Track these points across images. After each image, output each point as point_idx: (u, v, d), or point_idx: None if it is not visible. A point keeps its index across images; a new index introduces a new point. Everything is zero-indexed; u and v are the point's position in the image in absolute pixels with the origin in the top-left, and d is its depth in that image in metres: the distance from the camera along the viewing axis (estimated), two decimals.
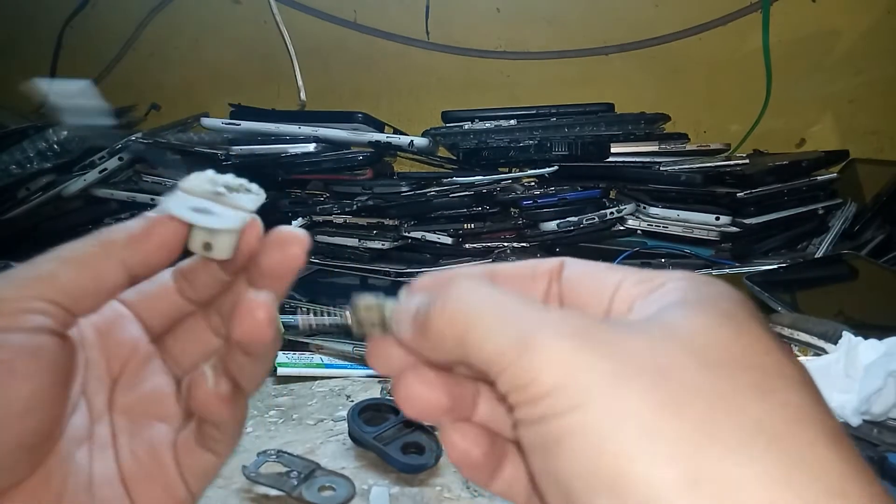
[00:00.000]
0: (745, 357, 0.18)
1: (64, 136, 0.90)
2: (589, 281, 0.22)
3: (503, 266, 0.24)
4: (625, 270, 0.22)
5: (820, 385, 0.44)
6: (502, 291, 0.21)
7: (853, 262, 0.80)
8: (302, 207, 0.96)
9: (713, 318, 0.19)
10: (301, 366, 0.64)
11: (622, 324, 0.19)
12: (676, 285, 0.20)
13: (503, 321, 0.19)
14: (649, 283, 0.21)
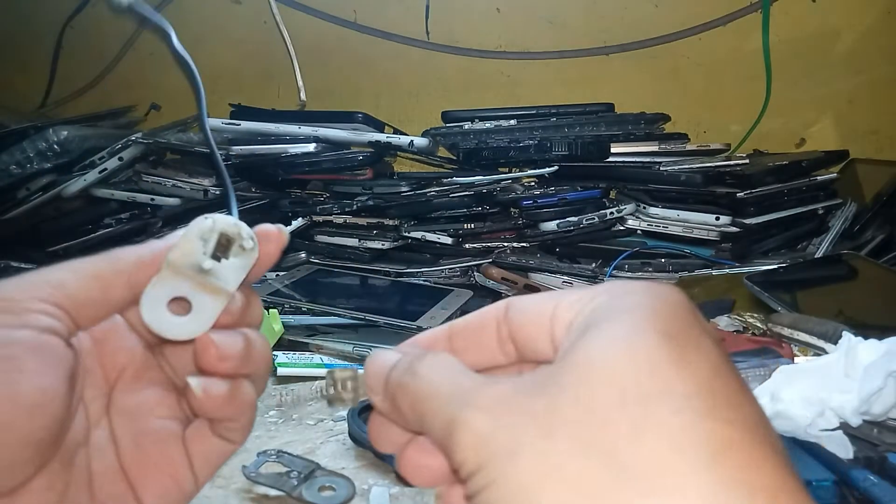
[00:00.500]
0: (628, 391, 0.18)
1: (64, 136, 0.90)
2: (531, 315, 0.23)
3: (457, 323, 0.25)
4: (560, 295, 0.22)
5: (820, 385, 0.44)
6: (449, 369, 0.22)
7: (853, 262, 0.80)
8: (302, 207, 0.96)
9: (610, 344, 0.19)
10: (301, 366, 0.64)
11: (536, 383, 0.19)
12: (597, 303, 0.21)
13: (441, 403, 0.21)
14: (578, 304, 0.21)
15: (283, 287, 0.84)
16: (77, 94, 1.29)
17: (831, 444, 0.43)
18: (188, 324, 0.26)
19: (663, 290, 0.21)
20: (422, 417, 0.21)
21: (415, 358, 0.23)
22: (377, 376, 0.24)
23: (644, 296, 0.20)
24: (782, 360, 0.53)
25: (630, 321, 0.19)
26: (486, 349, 0.25)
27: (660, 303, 0.20)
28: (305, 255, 0.95)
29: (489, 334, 0.24)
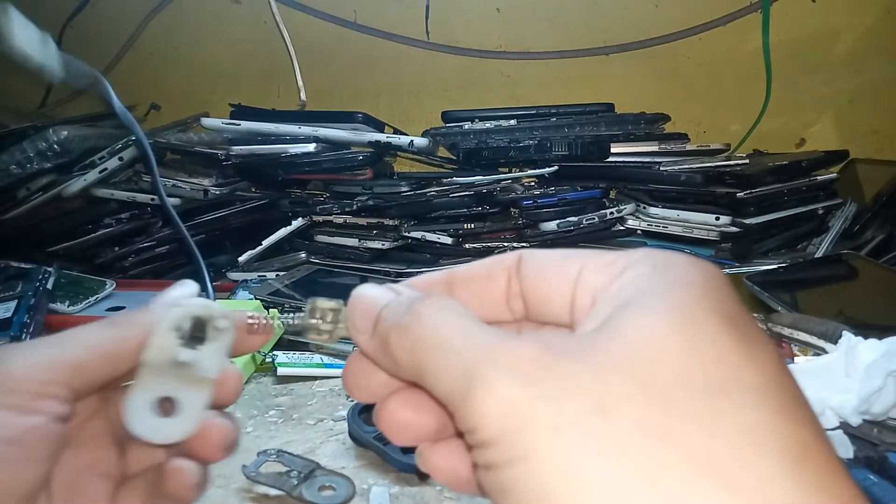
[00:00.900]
0: (693, 376, 0.16)
1: (64, 136, 0.90)
2: (549, 273, 0.21)
3: (460, 270, 0.24)
4: (584, 256, 0.21)
5: (820, 385, 0.44)
6: (461, 317, 0.20)
7: (853, 262, 0.80)
8: (302, 207, 0.96)
9: (666, 322, 0.17)
10: (301, 366, 0.64)
11: (570, 348, 0.18)
12: (636, 273, 0.19)
13: (453, 357, 0.19)
14: (610, 270, 0.20)
15: (283, 287, 0.84)
16: (77, 94, 1.29)
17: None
18: (178, 424, 0.25)
19: (708, 266, 0.19)
20: (421, 367, 0.20)
21: (416, 299, 0.21)
22: (365, 313, 0.22)
23: (693, 271, 0.19)
24: None
25: (688, 299, 0.18)
26: (491, 303, 0.23)
27: (711, 280, 0.18)
28: (305, 255, 0.95)
29: (497, 287, 0.23)
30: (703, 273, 0.19)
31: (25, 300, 0.69)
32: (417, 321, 0.20)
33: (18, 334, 0.65)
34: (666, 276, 0.18)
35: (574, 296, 0.20)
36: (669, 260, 0.19)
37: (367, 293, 0.23)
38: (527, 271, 0.22)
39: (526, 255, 0.22)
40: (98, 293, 0.77)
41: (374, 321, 0.22)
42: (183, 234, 0.34)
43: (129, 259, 0.91)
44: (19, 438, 0.22)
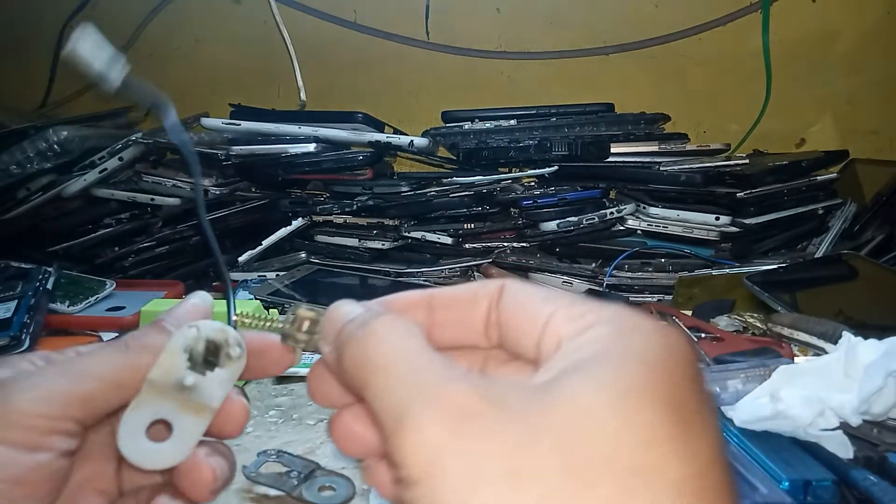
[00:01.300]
0: (617, 457, 0.16)
1: (64, 136, 0.90)
2: (525, 311, 0.22)
3: (442, 292, 0.24)
4: (559, 301, 0.21)
5: (820, 385, 0.44)
6: (411, 341, 0.20)
7: (853, 262, 0.80)
8: (302, 207, 0.96)
9: (607, 398, 0.17)
10: (301, 366, 0.64)
11: (510, 401, 0.17)
12: (599, 334, 0.19)
13: (392, 384, 0.19)
14: (578, 323, 0.20)
15: (283, 287, 0.84)
16: (77, 94, 1.29)
17: (831, 444, 0.43)
18: (169, 450, 0.24)
19: (672, 339, 0.19)
20: (364, 387, 0.19)
21: (373, 316, 0.21)
22: (333, 324, 0.22)
23: (652, 342, 0.18)
24: (782, 360, 0.53)
25: (637, 378, 0.17)
26: (470, 328, 0.23)
27: (669, 357, 0.18)
28: (305, 255, 0.95)
29: (478, 314, 0.23)
30: (665, 348, 0.18)
31: (25, 300, 0.69)
32: (369, 338, 0.20)
33: (18, 334, 0.65)
34: (625, 347, 0.18)
35: (541, 338, 0.21)
36: (636, 328, 0.19)
37: (340, 307, 0.23)
38: (506, 303, 0.22)
39: (508, 286, 0.23)
40: (98, 293, 0.77)
41: (336, 333, 0.22)
42: (212, 245, 0.33)
43: (129, 259, 0.91)
44: (24, 478, 0.22)
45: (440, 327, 0.23)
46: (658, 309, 0.69)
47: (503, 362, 0.23)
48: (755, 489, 0.39)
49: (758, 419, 0.45)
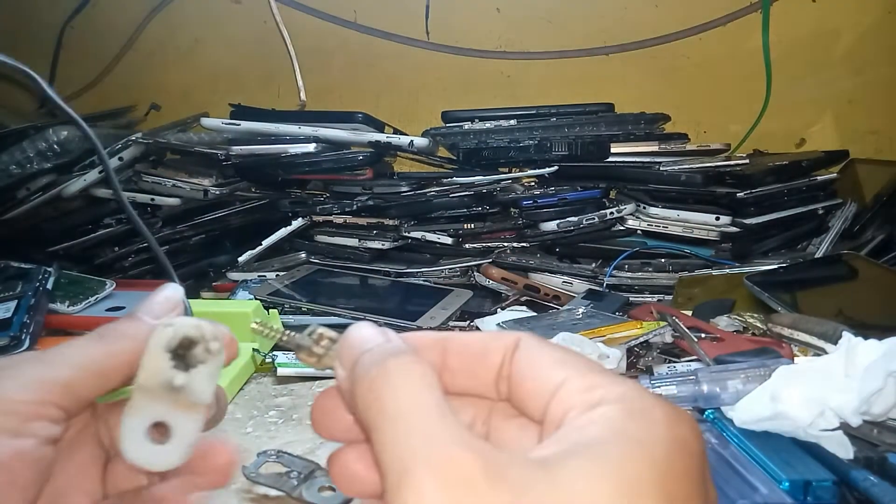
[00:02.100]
0: None
1: (64, 136, 0.90)
2: (537, 371, 0.21)
3: (457, 338, 0.23)
4: (573, 367, 0.21)
5: (820, 385, 0.44)
6: (426, 392, 0.19)
7: (853, 262, 0.80)
8: (302, 207, 0.96)
9: (606, 490, 0.17)
10: (301, 366, 0.64)
11: (512, 474, 0.18)
12: (608, 414, 0.19)
13: (399, 436, 0.18)
14: (588, 396, 0.20)
15: (283, 287, 0.84)
16: (77, 94, 1.29)
17: (831, 445, 0.43)
18: (173, 450, 0.25)
19: (681, 428, 0.19)
20: (372, 430, 0.19)
21: (393, 353, 0.21)
22: (351, 350, 0.22)
23: (660, 431, 0.18)
24: (782, 360, 0.53)
25: (637, 467, 0.17)
26: (482, 380, 0.23)
27: (675, 450, 0.18)
28: (305, 255, 0.95)
29: (490, 365, 0.23)
30: (672, 440, 0.18)
31: (25, 300, 0.69)
32: (383, 378, 0.20)
33: (18, 334, 0.65)
34: (631, 434, 0.18)
35: (549, 404, 0.20)
36: (645, 412, 0.19)
37: (361, 332, 0.22)
38: (519, 360, 0.22)
39: (524, 342, 0.22)
40: (98, 293, 0.77)
41: (355, 361, 0.21)
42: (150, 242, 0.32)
43: (129, 259, 0.91)
44: (6, 463, 0.22)
45: (451, 373, 0.23)
46: (658, 309, 0.69)
47: (508, 417, 0.23)
48: (755, 489, 0.39)
49: (758, 419, 0.45)
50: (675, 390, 0.49)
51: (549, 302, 0.84)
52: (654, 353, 0.64)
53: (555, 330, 0.64)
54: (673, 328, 0.64)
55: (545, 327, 0.68)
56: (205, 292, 0.90)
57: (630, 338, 0.63)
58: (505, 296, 0.86)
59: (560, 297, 0.84)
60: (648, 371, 0.60)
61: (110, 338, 0.25)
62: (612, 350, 0.59)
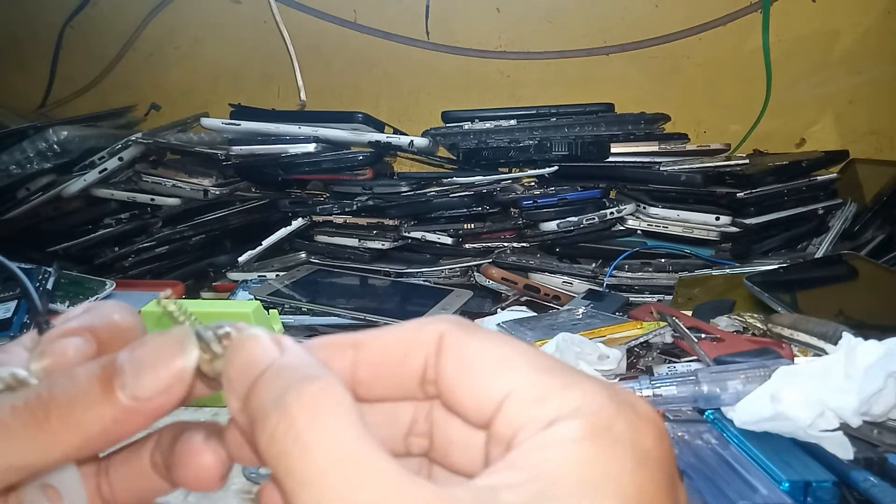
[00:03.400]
0: None
1: (64, 136, 0.90)
2: (470, 382, 0.18)
3: (369, 344, 0.20)
4: (514, 371, 0.18)
5: (820, 386, 0.44)
6: (349, 437, 0.16)
7: (853, 262, 0.80)
8: (302, 207, 0.96)
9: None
10: None
11: None
12: (566, 435, 0.16)
13: (314, 497, 0.15)
14: (540, 411, 0.17)
15: (283, 287, 0.84)
16: (77, 94, 1.29)
17: (831, 445, 0.43)
18: None
19: (649, 440, 0.17)
20: (282, 492, 0.16)
21: (293, 383, 0.17)
22: (242, 374, 0.18)
23: (628, 457, 0.16)
24: (782, 360, 0.53)
25: (609, 488, 0.16)
26: (405, 388, 0.20)
27: (646, 475, 0.16)
28: (305, 255, 0.95)
29: (411, 374, 0.19)
30: (641, 460, 0.16)
31: (25, 300, 0.69)
32: (287, 425, 0.16)
33: (18, 334, 0.65)
34: (595, 464, 0.16)
35: (494, 420, 0.18)
36: (608, 430, 0.16)
37: (251, 346, 0.18)
38: (446, 366, 0.19)
39: (448, 340, 0.19)
40: (98, 293, 0.77)
41: (249, 385, 0.18)
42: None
43: (129, 259, 0.91)
44: None
45: (366, 387, 0.20)
46: (658, 309, 0.69)
47: (449, 414, 0.20)
48: (755, 490, 0.39)
49: (758, 420, 0.45)
50: (675, 390, 0.49)
51: (549, 302, 0.84)
52: (654, 354, 0.64)
53: (555, 330, 0.64)
54: (673, 328, 0.64)
55: (545, 327, 0.68)
56: (205, 292, 0.90)
57: (630, 338, 0.63)
58: (505, 296, 0.86)
59: (560, 297, 0.84)
60: (648, 371, 0.60)
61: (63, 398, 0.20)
62: (612, 350, 0.59)
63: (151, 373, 0.18)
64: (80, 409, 0.18)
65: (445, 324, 0.19)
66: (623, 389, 0.18)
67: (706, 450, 0.44)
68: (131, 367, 0.19)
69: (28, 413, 0.18)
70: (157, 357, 0.19)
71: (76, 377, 0.19)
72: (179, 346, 0.19)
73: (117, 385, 0.18)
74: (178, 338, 0.19)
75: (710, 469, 0.42)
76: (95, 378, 0.19)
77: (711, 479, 0.41)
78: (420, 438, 0.21)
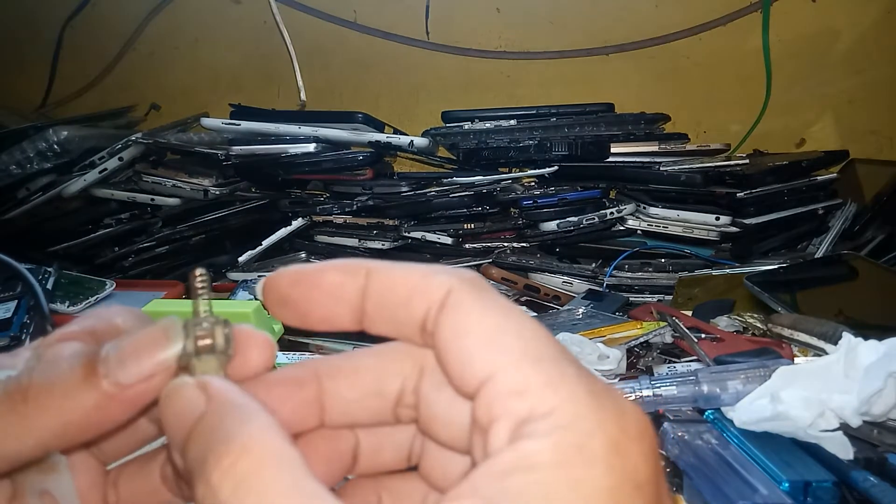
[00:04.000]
0: None
1: (64, 136, 0.90)
2: (461, 352, 0.18)
3: (381, 275, 0.19)
4: (502, 353, 0.17)
5: (820, 386, 0.44)
6: (278, 497, 0.15)
7: (853, 262, 0.80)
8: (302, 207, 0.96)
9: None
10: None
11: None
12: (537, 456, 0.16)
13: None
14: (516, 406, 0.16)
15: None
16: (77, 94, 1.29)
17: (831, 445, 0.43)
18: None
19: (633, 460, 0.16)
20: None
21: (217, 448, 0.16)
22: (175, 428, 0.18)
23: (603, 487, 0.15)
24: (782, 360, 0.53)
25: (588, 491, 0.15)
26: (405, 329, 0.19)
27: (616, 493, 0.16)
28: (305, 256, 0.95)
29: (413, 317, 0.19)
30: (617, 487, 0.16)
31: (25, 300, 0.69)
32: (213, 495, 0.15)
33: (18, 334, 0.65)
34: (560, 497, 0.15)
35: (476, 398, 0.17)
36: (583, 450, 0.16)
37: (178, 395, 0.18)
38: (444, 327, 0.18)
39: (454, 298, 0.18)
40: (98, 293, 0.77)
41: (183, 442, 0.17)
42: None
43: (129, 259, 0.91)
44: None
45: (370, 319, 0.20)
46: (658, 309, 0.69)
47: (440, 386, 0.20)
48: (755, 490, 0.39)
49: (758, 420, 0.45)
50: (675, 390, 0.49)
51: (549, 302, 0.84)
52: (654, 354, 0.64)
53: (555, 330, 0.64)
54: (673, 328, 0.64)
55: (545, 327, 0.68)
56: None
57: (630, 338, 0.63)
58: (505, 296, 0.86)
59: (560, 297, 0.84)
60: (648, 371, 0.60)
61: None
62: (612, 350, 0.59)
63: (135, 360, 0.18)
64: (60, 393, 0.18)
65: (456, 279, 0.19)
66: (614, 393, 0.17)
67: (706, 450, 0.44)
68: (116, 355, 0.19)
69: (5, 398, 0.18)
70: (142, 345, 0.19)
71: (59, 364, 0.19)
72: (164, 335, 0.19)
73: (101, 371, 0.18)
74: (164, 328, 0.19)
75: (710, 469, 0.42)
76: (79, 364, 0.18)
77: (711, 479, 0.41)
78: (409, 409, 0.21)
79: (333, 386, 0.20)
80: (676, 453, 0.44)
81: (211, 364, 0.19)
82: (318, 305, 0.20)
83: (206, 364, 0.19)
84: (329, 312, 0.20)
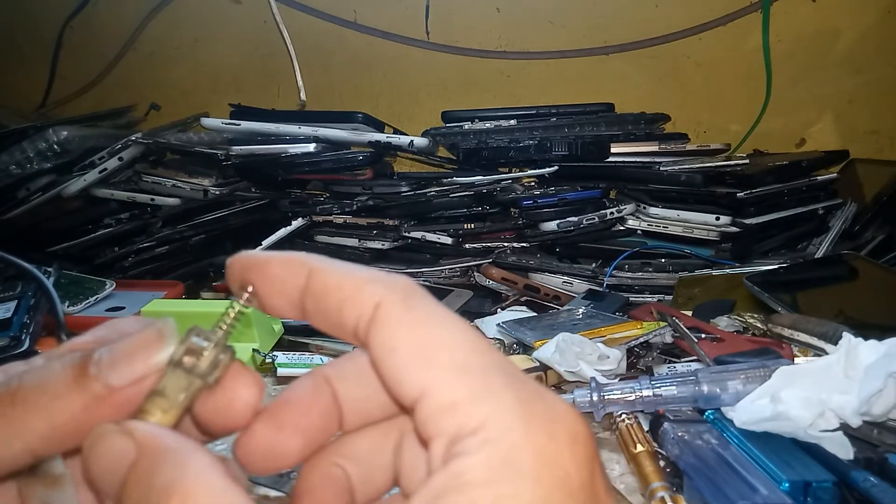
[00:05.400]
0: None
1: (64, 136, 0.90)
2: (392, 370, 0.18)
3: (318, 274, 0.19)
4: (433, 373, 0.17)
5: (820, 386, 0.44)
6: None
7: (853, 262, 0.80)
8: (302, 207, 0.96)
9: None
10: (301, 366, 0.64)
11: None
12: (470, 474, 0.15)
13: None
14: (450, 421, 0.16)
15: None
16: (77, 94, 1.29)
17: (831, 445, 0.43)
18: None
19: (565, 469, 0.16)
20: None
21: (168, 482, 0.16)
22: (106, 480, 0.17)
23: (527, 494, 0.15)
24: (782, 360, 0.53)
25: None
26: (340, 330, 0.19)
27: (554, 483, 0.15)
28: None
29: (345, 325, 0.19)
30: (547, 498, 0.15)
31: (25, 300, 0.69)
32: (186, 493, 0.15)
33: (18, 334, 0.65)
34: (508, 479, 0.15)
35: (413, 417, 0.17)
36: (512, 465, 0.15)
37: (106, 445, 0.17)
38: (374, 340, 0.18)
39: (381, 315, 0.18)
40: (98, 293, 0.77)
41: (120, 484, 0.17)
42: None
43: (129, 259, 0.91)
44: None
45: (311, 317, 0.20)
46: (658, 309, 0.69)
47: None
48: (755, 490, 0.39)
49: (758, 420, 0.45)
50: (675, 391, 0.49)
51: (549, 302, 0.84)
52: (654, 354, 0.64)
53: (555, 330, 0.64)
54: (673, 328, 0.64)
55: (545, 327, 0.68)
56: (205, 292, 0.90)
57: (630, 338, 0.63)
58: (505, 296, 0.86)
59: (560, 297, 0.84)
60: (648, 371, 0.60)
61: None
62: (612, 350, 0.59)
63: (127, 363, 0.18)
64: (49, 395, 0.18)
65: (387, 292, 0.18)
66: (547, 398, 0.17)
67: (706, 450, 0.44)
68: (108, 357, 0.18)
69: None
70: (135, 348, 0.19)
71: (50, 366, 0.18)
72: (158, 338, 0.19)
73: (92, 372, 0.18)
74: (158, 330, 0.19)
75: (710, 469, 0.42)
76: (70, 366, 0.18)
77: (711, 479, 0.41)
78: None
79: (344, 388, 0.20)
80: (676, 453, 0.44)
81: (179, 382, 0.19)
82: (264, 294, 0.20)
83: (173, 380, 0.19)
84: (274, 303, 0.20)
